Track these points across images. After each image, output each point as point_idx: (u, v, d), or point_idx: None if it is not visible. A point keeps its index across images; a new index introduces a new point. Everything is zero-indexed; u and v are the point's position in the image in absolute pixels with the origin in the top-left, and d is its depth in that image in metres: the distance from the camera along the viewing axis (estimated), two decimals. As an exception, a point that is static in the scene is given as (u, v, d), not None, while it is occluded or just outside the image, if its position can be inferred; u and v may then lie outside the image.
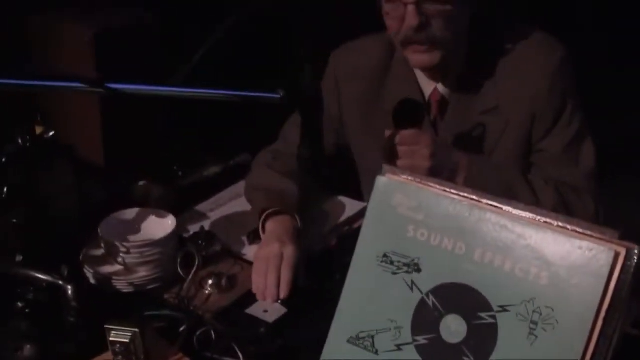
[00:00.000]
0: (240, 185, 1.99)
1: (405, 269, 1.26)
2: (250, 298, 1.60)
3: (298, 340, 1.49)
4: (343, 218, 1.86)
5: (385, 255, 1.27)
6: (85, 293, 1.42)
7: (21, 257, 1.44)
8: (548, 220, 1.17)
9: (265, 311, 1.53)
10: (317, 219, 1.86)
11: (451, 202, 1.23)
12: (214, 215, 1.89)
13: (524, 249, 1.17)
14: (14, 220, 1.46)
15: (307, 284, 1.65)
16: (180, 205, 1.89)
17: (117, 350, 1.36)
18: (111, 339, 1.36)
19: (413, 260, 1.25)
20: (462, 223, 1.22)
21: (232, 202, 1.95)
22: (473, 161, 1.68)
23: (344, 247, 1.79)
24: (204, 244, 1.71)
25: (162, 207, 1.78)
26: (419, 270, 1.24)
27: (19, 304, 1.41)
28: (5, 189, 1.47)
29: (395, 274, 1.26)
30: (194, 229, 1.80)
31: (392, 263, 1.27)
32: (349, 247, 1.74)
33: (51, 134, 1.47)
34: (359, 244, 1.31)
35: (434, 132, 1.80)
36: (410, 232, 1.26)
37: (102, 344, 1.40)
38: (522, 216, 1.19)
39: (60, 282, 1.39)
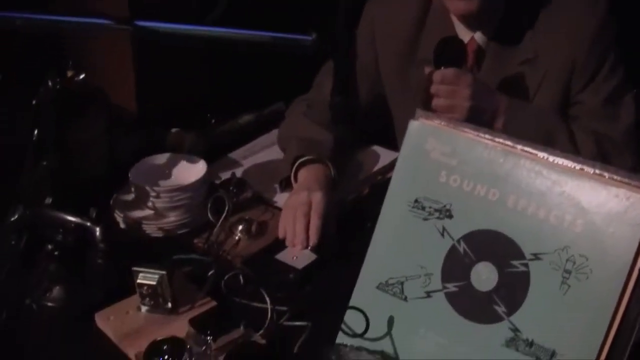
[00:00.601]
0: (274, 134, 1.97)
1: (437, 214, 1.23)
2: (279, 245, 1.58)
3: (327, 287, 1.48)
4: (377, 167, 1.83)
5: (416, 201, 1.25)
6: (113, 236, 1.40)
7: (50, 200, 1.43)
8: (584, 167, 1.14)
9: (295, 258, 1.51)
10: (351, 168, 1.83)
11: (485, 147, 1.20)
12: (247, 163, 1.87)
13: (558, 196, 1.14)
14: (45, 163, 1.44)
15: (336, 232, 1.62)
16: (213, 153, 1.87)
17: (144, 292, 1.36)
18: (138, 281, 1.36)
19: (445, 206, 1.22)
20: (496, 169, 1.19)
21: (265, 150, 1.93)
22: (513, 105, 1.64)
23: (376, 195, 1.75)
24: (234, 190, 1.69)
25: (194, 154, 1.77)
26: (450, 217, 1.22)
27: (48, 246, 1.40)
28: (36, 132, 1.45)
29: (426, 219, 1.24)
30: (225, 175, 1.79)
31: (423, 209, 1.24)
32: (381, 195, 1.74)
33: (81, 76, 1.44)
34: (390, 189, 1.29)
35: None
36: (442, 178, 1.23)
37: (129, 287, 1.40)
38: (557, 163, 1.15)
39: (88, 224, 1.37)
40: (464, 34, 1.75)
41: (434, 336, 1.22)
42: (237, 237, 1.58)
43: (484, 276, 1.19)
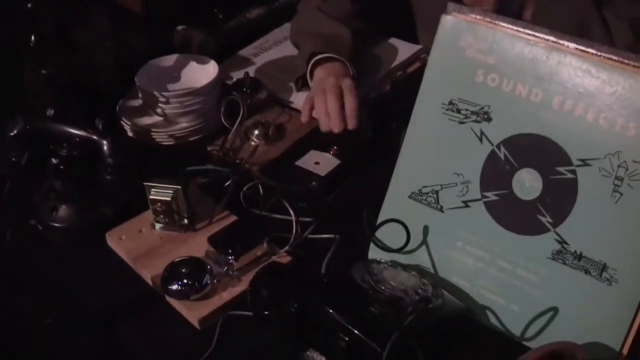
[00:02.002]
0: (286, 28, 1.83)
1: (474, 117, 1.12)
2: (300, 149, 1.47)
3: (353, 195, 1.38)
4: (396, 62, 1.71)
5: (451, 103, 1.14)
6: (122, 148, 1.28)
7: (52, 111, 1.31)
8: (637, 64, 1.00)
9: (317, 163, 1.41)
10: (369, 64, 1.69)
11: (526, 43, 1.09)
12: (259, 61, 1.74)
13: (609, 97, 1.04)
14: (44, 72, 1.31)
15: (368, 131, 1.52)
16: (222, 51, 1.74)
17: (157, 209, 1.26)
18: (151, 197, 1.26)
19: (482, 108, 1.12)
20: (539, 67, 1.08)
21: (278, 45, 1.80)
22: None
23: (399, 92, 1.64)
24: (248, 91, 1.57)
25: (203, 53, 1.65)
26: (489, 119, 1.11)
27: (52, 161, 1.28)
28: (33, 37, 1.31)
29: (462, 123, 1.13)
30: (237, 75, 1.66)
31: (458, 111, 1.13)
32: (404, 92, 1.62)
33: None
34: (421, 91, 1.17)
35: None
36: (479, 77, 1.12)
37: (142, 203, 1.30)
38: (608, 60, 1.03)
39: (95, 137, 1.26)
40: None
41: (473, 249, 1.14)
42: (253, 143, 1.47)
43: (527, 184, 1.09)
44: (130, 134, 1.51)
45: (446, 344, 1.07)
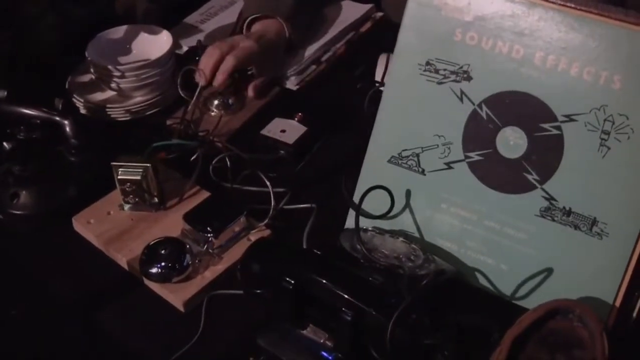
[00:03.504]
0: (231, -8, 1.75)
1: (453, 77, 1.09)
2: (263, 117, 1.42)
3: (322, 161, 1.34)
4: (348, 22, 1.64)
5: (428, 63, 1.10)
6: (85, 128, 1.20)
7: (5, 92, 1.21)
8: (620, 17, 0.98)
9: (283, 131, 1.35)
10: (320, 25, 1.63)
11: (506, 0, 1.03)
12: (207, 27, 1.67)
13: (593, 50, 1.02)
14: (-6, 50, 1.23)
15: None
16: (168, 18, 1.64)
17: (127, 189, 1.19)
18: (120, 177, 1.19)
19: (462, 67, 1.08)
20: (519, 23, 1.05)
21: (224, 11, 1.72)
22: None
23: (354, 53, 1.59)
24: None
25: (149, 21, 1.57)
26: (469, 79, 1.08)
27: (8, 145, 1.19)
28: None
29: (441, 83, 1.10)
30: (186, 44, 1.59)
31: (436, 71, 1.10)
32: (359, 53, 1.58)
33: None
34: (396, 52, 1.14)
35: None
36: (457, 36, 1.08)
37: (106, 183, 1.23)
38: (590, 13, 0.99)
39: (57, 118, 1.17)
40: None
41: (459, 210, 1.11)
42: (213, 114, 1.41)
43: (512, 142, 1.06)
44: (83, 111, 1.42)
45: (441, 309, 1.04)
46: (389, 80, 1.14)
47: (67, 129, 1.18)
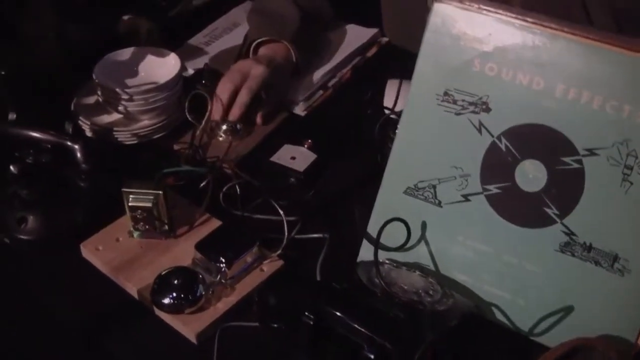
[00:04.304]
0: (235, 13, 1.75)
1: (472, 108, 1.06)
2: (272, 143, 1.39)
3: (332, 189, 1.31)
4: (354, 47, 1.62)
5: (446, 94, 1.08)
6: (96, 152, 1.17)
7: (14, 115, 1.17)
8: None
9: (293, 158, 1.33)
10: (326, 50, 1.61)
11: (527, 31, 1.03)
12: (211, 50, 1.65)
13: (616, 83, 0.99)
14: (2, 72, 1.18)
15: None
16: (172, 40, 1.62)
17: (137, 216, 1.16)
18: (130, 204, 1.16)
19: (480, 98, 1.06)
20: (540, 54, 1.03)
21: (229, 33, 1.71)
22: None
23: (361, 78, 1.57)
24: (208, 83, 1.46)
25: (152, 43, 1.56)
26: (487, 110, 1.06)
27: (15, 168, 1.16)
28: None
29: (459, 114, 1.08)
30: (191, 66, 1.56)
31: (454, 102, 1.07)
32: (366, 78, 1.56)
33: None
34: (413, 81, 1.11)
35: None
36: (476, 66, 1.06)
37: (116, 209, 1.20)
38: (613, 45, 0.97)
39: (68, 142, 1.14)
40: None
41: (476, 243, 1.09)
42: (221, 139, 1.39)
43: (531, 175, 1.04)
44: (89, 133, 1.39)
45: (459, 344, 1.01)
46: (406, 110, 1.11)
47: (78, 153, 1.15)
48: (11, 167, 1.17)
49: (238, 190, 1.23)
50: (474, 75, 1.06)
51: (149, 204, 1.14)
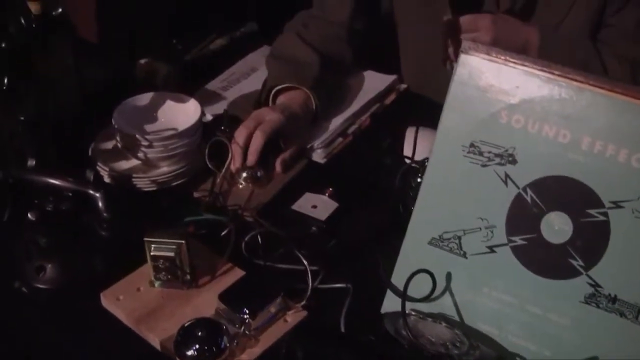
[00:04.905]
0: (252, 58, 1.79)
1: (498, 160, 1.10)
2: (292, 191, 1.43)
3: (353, 238, 1.34)
4: (373, 94, 1.67)
5: (472, 145, 1.11)
6: (118, 201, 1.20)
7: (34, 161, 1.21)
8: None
9: (314, 206, 1.37)
10: (345, 97, 1.66)
11: (554, 83, 1.07)
12: (230, 95, 1.69)
13: None
14: (22, 118, 1.21)
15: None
16: (189, 84, 1.66)
17: (160, 266, 1.19)
18: (152, 253, 1.19)
19: (507, 150, 1.09)
20: (567, 107, 1.06)
21: (247, 78, 1.76)
22: (544, 35, 1.52)
23: (379, 125, 1.61)
24: (227, 129, 1.50)
25: (169, 86, 1.61)
26: (514, 162, 1.09)
27: (33, 216, 1.19)
28: (6, 80, 1.21)
29: (485, 166, 1.11)
30: (210, 111, 1.60)
31: (480, 154, 1.11)
32: (384, 125, 1.60)
33: (59, 10, 1.20)
34: (439, 132, 1.15)
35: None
36: (503, 118, 1.09)
37: (136, 257, 1.23)
38: (637, 97, 1.01)
39: (90, 191, 1.17)
40: None
41: (501, 294, 1.12)
42: (241, 186, 1.42)
43: (557, 227, 1.07)
44: (107, 180, 1.43)
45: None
46: (432, 160, 1.15)
47: (100, 202, 1.19)
48: (29, 215, 1.21)
49: (259, 239, 1.26)
50: (500, 127, 1.10)
51: (172, 254, 1.18)
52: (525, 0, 1.57)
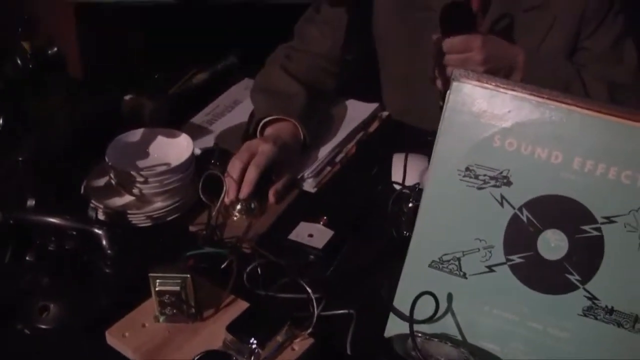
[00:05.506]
0: (235, 91, 1.86)
1: (493, 182, 1.16)
2: (287, 220, 1.49)
3: (351, 264, 1.40)
4: (357, 122, 1.74)
5: (467, 169, 1.18)
6: (121, 238, 1.24)
7: (33, 202, 1.25)
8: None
9: (310, 235, 1.42)
10: (330, 126, 1.73)
11: (545, 107, 1.13)
12: (216, 128, 1.76)
13: (630, 155, 1.10)
14: (20, 158, 1.25)
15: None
16: (174, 118, 1.71)
17: (165, 301, 1.24)
18: (158, 288, 1.24)
19: (501, 172, 1.16)
20: (558, 129, 1.13)
21: (231, 111, 1.82)
22: (530, 57, 1.60)
23: (365, 153, 1.67)
24: (218, 163, 1.55)
25: (156, 122, 1.65)
26: (508, 184, 1.15)
27: (31, 257, 1.23)
28: (1, 120, 1.25)
29: (481, 188, 1.17)
30: (198, 145, 1.67)
31: (476, 177, 1.17)
32: (370, 152, 1.66)
33: (55, 49, 1.25)
34: (434, 158, 1.21)
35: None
36: (496, 142, 1.16)
37: (140, 293, 1.27)
38: (625, 118, 1.09)
39: (95, 229, 1.21)
40: None
41: (502, 312, 1.18)
42: (235, 218, 1.47)
43: (553, 244, 1.14)
44: (101, 217, 1.47)
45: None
46: (428, 185, 1.21)
47: (104, 240, 1.23)
48: (27, 257, 1.25)
49: (259, 270, 1.32)
50: (494, 150, 1.16)
51: (177, 288, 1.22)
52: (505, 25, 1.66)
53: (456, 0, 1.55)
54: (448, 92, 1.20)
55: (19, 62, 1.25)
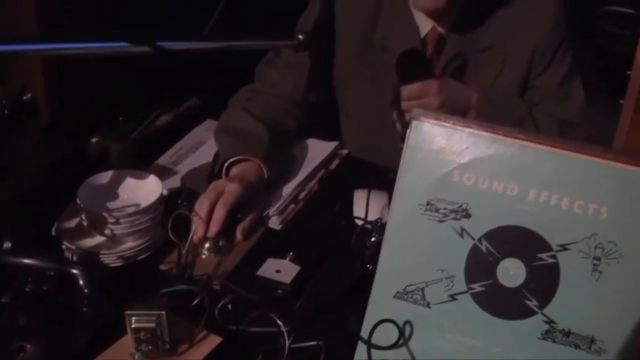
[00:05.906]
0: (198, 132, 1.92)
1: (453, 215, 1.24)
2: (254, 257, 1.56)
3: (320, 298, 1.48)
4: (318, 160, 1.82)
5: (428, 203, 1.25)
6: (98, 277, 1.30)
7: (10, 244, 1.30)
8: (602, 155, 1.16)
9: (278, 271, 1.49)
10: (292, 164, 1.81)
11: (500, 143, 1.21)
12: (181, 168, 1.82)
13: (581, 186, 1.18)
14: (-3, 203, 1.32)
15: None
16: (140, 160, 1.78)
17: (141, 337, 1.30)
18: (134, 325, 1.29)
19: (461, 205, 1.23)
20: (513, 164, 1.21)
21: (195, 152, 1.88)
22: (484, 97, 1.71)
23: (327, 191, 1.75)
24: (185, 203, 1.62)
25: (123, 164, 1.69)
26: (468, 216, 1.23)
27: (6, 299, 1.27)
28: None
29: (442, 221, 1.24)
30: (164, 186, 1.70)
31: (437, 210, 1.24)
32: (332, 189, 1.74)
33: (29, 95, 1.30)
34: (396, 193, 1.28)
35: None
36: (455, 177, 1.24)
37: (116, 331, 1.32)
38: (577, 152, 1.17)
39: (72, 269, 1.26)
40: (424, 22, 1.78)
41: (465, 339, 1.25)
42: (204, 256, 1.54)
43: (511, 272, 1.22)
44: (73, 257, 1.51)
45: None
46: (391, 220, 1.28)
47: (80, 279, 1.28)
48: (2, 299, 1.29)
49: (229, 306, 1.38)
50: (453, 185, 1.24)
51: (152, 325, 1.28)
52: (459, 65, 1.76)
53: (411, 48, 1.64)
54: (408, 130, 1.28)
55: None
